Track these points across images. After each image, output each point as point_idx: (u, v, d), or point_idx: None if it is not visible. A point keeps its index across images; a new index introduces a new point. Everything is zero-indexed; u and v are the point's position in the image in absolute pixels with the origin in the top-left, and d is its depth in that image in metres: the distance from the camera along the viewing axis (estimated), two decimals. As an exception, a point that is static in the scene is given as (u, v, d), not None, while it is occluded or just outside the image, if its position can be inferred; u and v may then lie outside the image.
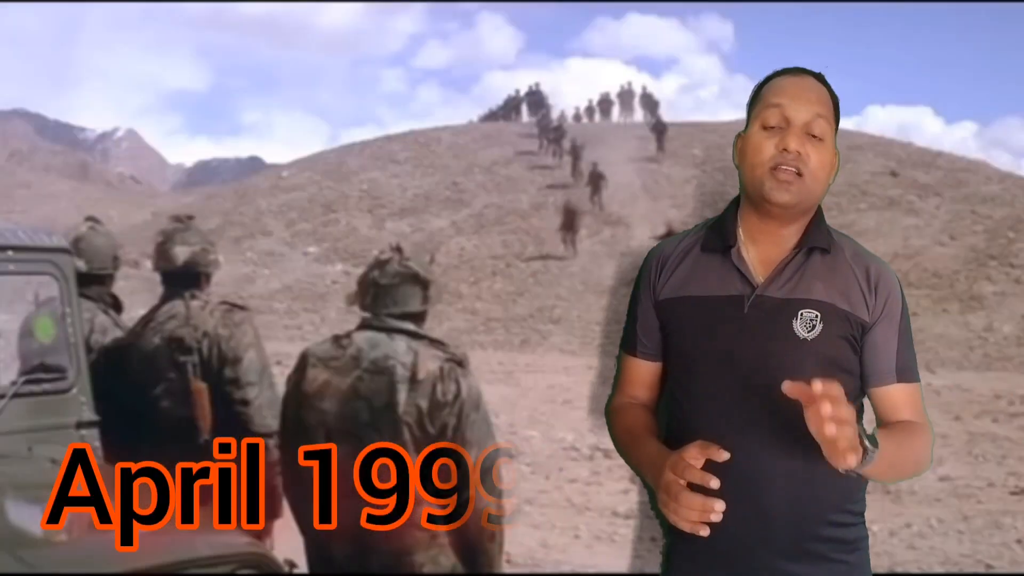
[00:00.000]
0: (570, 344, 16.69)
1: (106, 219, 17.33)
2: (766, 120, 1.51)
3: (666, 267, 1.61)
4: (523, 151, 30.59)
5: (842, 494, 1.51)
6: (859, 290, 1.52)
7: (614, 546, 6.18)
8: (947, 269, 19.94)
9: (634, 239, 23.57)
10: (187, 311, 3.07)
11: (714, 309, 1.53)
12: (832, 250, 1.55)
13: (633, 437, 1.61)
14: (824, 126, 1.51)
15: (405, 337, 2.69)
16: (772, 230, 1.55)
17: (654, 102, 31.57)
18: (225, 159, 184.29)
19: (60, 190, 45.32)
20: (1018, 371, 14.99)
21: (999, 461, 8.49)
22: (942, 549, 6.03)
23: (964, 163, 27.51)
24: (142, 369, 3.10)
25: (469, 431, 2.60)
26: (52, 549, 2.16)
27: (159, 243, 3.21)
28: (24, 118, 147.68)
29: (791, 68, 1.57)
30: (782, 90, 1.53)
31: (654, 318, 1.62)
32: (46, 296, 2.90)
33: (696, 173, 26.94)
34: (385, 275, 2.76)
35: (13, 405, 2.61)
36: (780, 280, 1.52)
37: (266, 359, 3.06)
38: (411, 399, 2.58)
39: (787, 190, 1.49)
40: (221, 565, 2.16)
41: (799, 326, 1.49)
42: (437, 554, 2.61)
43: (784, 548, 1.49)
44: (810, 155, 1.49)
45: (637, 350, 1.66)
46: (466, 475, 2.56)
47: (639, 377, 1.68)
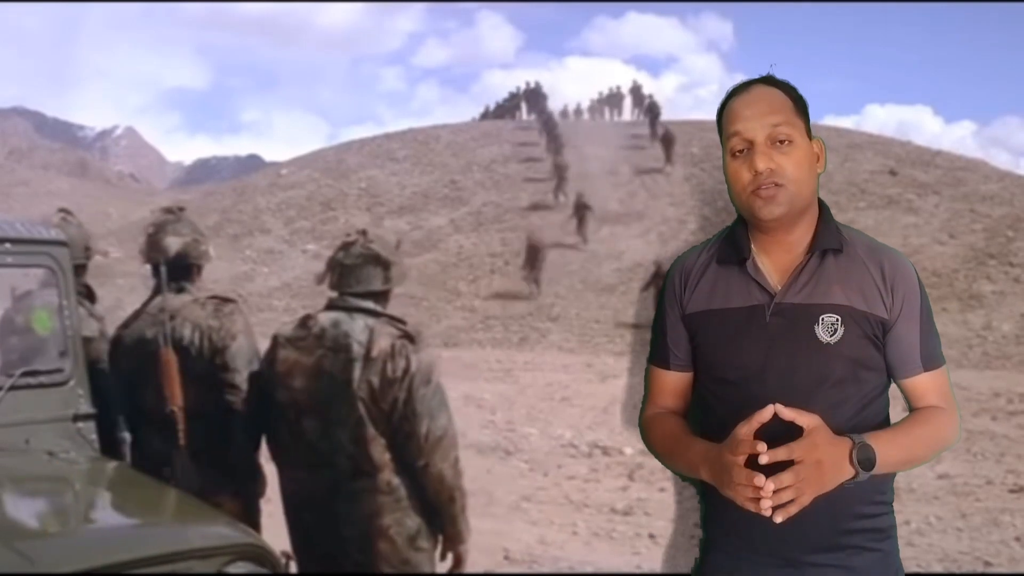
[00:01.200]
0: (568, 342, 16.68)
1: (105, 216, 17.29)
2: (733, 147, 1.57)
3: (690, 281, 1.67)
4: (522, 143, 30.59)
5: (872, 486, 1.55)
6: (876, 288, 1.56)
7: (612, 543, 6.18)
8: (946, 268, 19.95)
9: (633, 238, 23.58)
10: (174, 304, 3.03)
11: (738, 320, 1.59)
12: (845, 249, 1.58)
13: (676, 440, 1.65)
14: (786, 130, 1.54)
15: (364, 316, 2.84)
16: (780, 239, 1.60)
17: (657, 112, 31.09)
18: (224, 157, 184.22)
19: (59, 188, 45.24)
20: (1017, 369, 15.01)
21: (998, 459, 8.49)
22: (940, 546, 6.04)
23: (963, 162, 27.51)
24: (130, 361, 3.08)
25: (419, 404, 2.74)
26: (49, 540, 2.16)
27: (149, 234, 3.17)
28: (23, 116, 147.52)
29: (738, 86, 1.62)
30: (736, 115, 1.57)
31: (683, 330, 1.67)
32: (23, 289, 2.90)
33: (695, 171, 26.94)
34: (349, 256, 2.94)
35: (10, 398, 2.61)
36: (796, 286, 1.56)
37: (255, 347, 3.04)
38: (364, 376, 2.74)
39: (775, 204, 1.54)
40: (216, 556, 2.15)
41: (821, 331, 1.53)
42: (402, 516, 2.79)
43: (819, 541, 1.54)
44: (782, 164, 1.53)
45: (670, 363, 1.70)
46: (419, 445, 2.74)
47: (672, 388, 1.72)
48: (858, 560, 1.55)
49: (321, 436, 2.79)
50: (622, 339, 16.14)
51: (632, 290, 19.35)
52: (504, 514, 6.68)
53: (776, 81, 1.59)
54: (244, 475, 2.98)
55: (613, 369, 13.36)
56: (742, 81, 1.62)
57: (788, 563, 1.55)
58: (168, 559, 2.09)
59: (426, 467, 2.76)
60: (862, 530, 1.56)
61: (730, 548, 1.61)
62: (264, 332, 3.17)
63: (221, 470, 2.92)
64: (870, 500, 1.57)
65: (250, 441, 3.01)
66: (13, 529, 2.15)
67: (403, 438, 2.75)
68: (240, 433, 2.96)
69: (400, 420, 2.74)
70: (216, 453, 2.92)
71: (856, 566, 1.55)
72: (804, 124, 1.58)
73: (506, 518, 6.59)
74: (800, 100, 1.59)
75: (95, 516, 2.52)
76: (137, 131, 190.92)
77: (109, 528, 2.36)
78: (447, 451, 2.78)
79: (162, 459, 2.87)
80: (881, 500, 1.59)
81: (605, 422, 9.85)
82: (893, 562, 1.60)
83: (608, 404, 10.62)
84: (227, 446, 2.95)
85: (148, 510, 2.48)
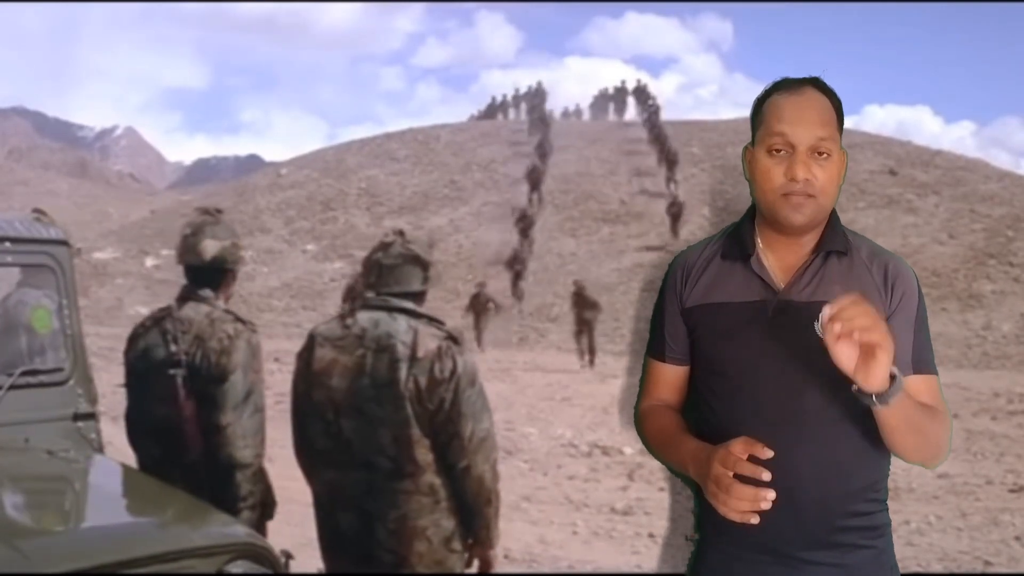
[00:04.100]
0: (568, 342, 16.67)
1: (104, 216, 17.27)
2: (771, 145, 1.55)
3: (691, 275, 1.67)
4: (522, 143, 30.60)
5: (868, 483, 1.57)
6: (876, 289, 1.57)
7: (612, 542, 6.18)
8: (946, 268, 19.97)
9: (632, 237, 23.60)
10: (191, 316, 2.97)
11: (739, 314, 1.59)
12: (849, 252, 1.60)
13: (669, 436, 1.65)
14: (828, 144, 1.54)
15: (405, 316, 2.82)
16: (789, 240, 1.61)
17: (665, 136, 27.96)
18: (224, 157, 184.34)
19: (59, 188, 45.30)
20: (1016, 369, 15.03)
21: (997, 459, 8.50)
22: (940, 546, 6.03)
23: (963, 162, 27.53)
24: (138, 364, 3.06)
25: (464, 405, 2.73)
26: (48, 539, 2.16)
27: (186, 235, 3.05)
28: (23, 115, 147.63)
29: (790, 81, 1.60)
30: (783, 114, 1.56)
31: (682, 324, 1.67)
32: (22, 288, 2.89)
33: (695, 171, 26.96)
34: (388, 256, 2.89)
35: (10, 397, 2.61)
36: (800, 284, 1.57)
37: (255, 383, 2.92)
38: (411, 375, 2.71)
39: (801, 213, 1.55)
40: (217, 556, 2.15)
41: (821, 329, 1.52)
42: (439, 518, 2.77)
43: (816, 538, 1.54)
44: (817, 176, 1.54)
45: (666, 355, 1.70)
46: (462, 446, 2.73)
47: (668, 381, 1.72)
48: (852, 557, 1.55)
49: (360, 436, 2.76)
50: (622, 339, 16.16)
51: (632, 290, 19.38)
52: (504, 514, 6.62)
53: (826, 88, 1.59)
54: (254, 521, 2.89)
55: (613, 369, 13.37)
56: (792, 77, 1.60)
57: (783, 560, 1.56)
58: (168, 558, 2.08)
59: (467, 469, 2.74)
60: (857, 528, 1.56)
61: (724, 546, 1.61)
62: (264, 332, 3.14)
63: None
64: (864, 497, 1.58)
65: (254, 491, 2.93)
66: (13, 528, 2.14)
67: (446, 439, 2.73)
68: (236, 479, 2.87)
69: (445, 421, 2.72)
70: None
71: (850, 563, 1.55)
72: (840, 136, 1.59)
73: (506, 518, 6.55)
74: (841, 112, 1.60)
75: (95, 515, 2.51)
76: (137, 131, 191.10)
77: (109, 527, 2.35)
78: (488, 453, 2.78)
79: (162, 470, 2.80)
80: (875, 498, 1.59)
81: (605, 422, 9.85)
82: (888, 560, 1.61)
83: (608, 404, 10.63)
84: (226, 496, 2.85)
85: (148, 509, 2.48)
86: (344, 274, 21.59)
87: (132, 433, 3.06)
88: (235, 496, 2.87)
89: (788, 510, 1.51)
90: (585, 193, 26.63)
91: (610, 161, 29.14)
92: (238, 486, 2.87)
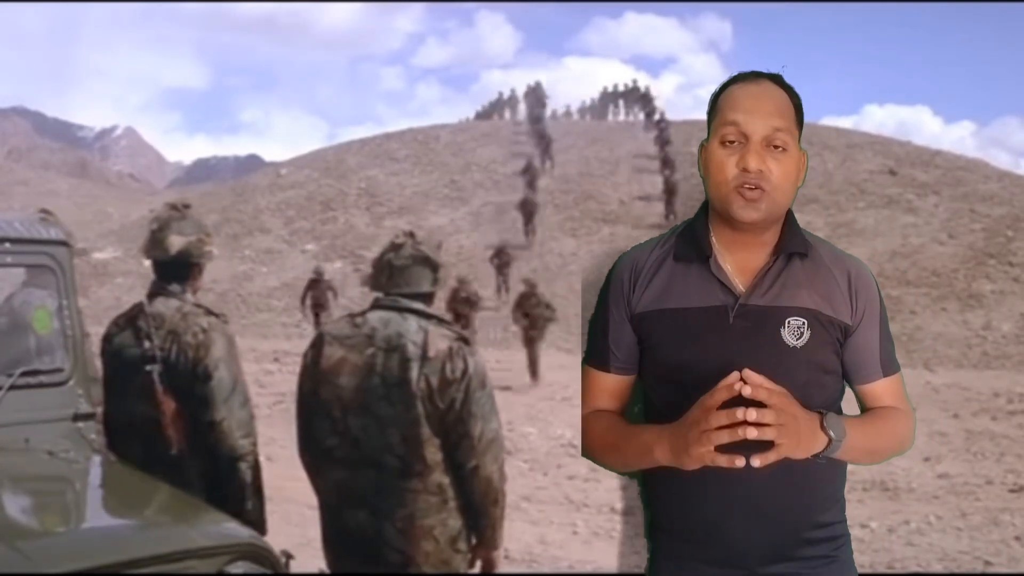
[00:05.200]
0: (567, 342, 16.67)
1: (104, 216, 17.26)
2: (724, 136, 1.49)
3: (640, 279, 1.59)
4: (522, 143, 30.58)
5: (827, 494, 1.55)
6: (840, 294, 1.53)
7: (612, 542, 6.18)
8: (946, 268, 19.96)
9: (632, 237, 23.57)
10: (163, 311, 2.96)
11: (698, 320, 1.52)
12: (810, 254, 1.55)
13: (620, 430, 1.59)
14: (783, 137, 1.48)
15: (415, 316, 2.84)
16: (746, 240, 1.54)
17: (666, 137, 28.07)
18: (224, 157, 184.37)
19: (59, 187, 45.30)
20: (1016, 369, 15.03)
21: (997, 458, 8.50)
22: (940, 546, 6.03)
23: (963, 162, 27.53)
24: (114, 362, 3.05)
25: (475, 406, 2.75)
26: (49, 540, 2.16)
27: (153, 230, 3.07)
28: (23, 115, 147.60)
29: (746, 74, 1.54)
30: (738, 104, 1.50)
31: (630, 332, 1.59)
32: (22, 288, 2.88)
33: (695, 171, 26.92)
34: (399, 257, 2.92)
35: (10, 397, 2.60)
36: (762, 288, 1.52)
37: (238, 374, 2.93)
38: (422, 375, 2.73)
39: (754, 208, 1.48)
40: (217, 556, 2.15)
41: (787, 334, 1.49)
42: (447, 517, 2.79)
43: (776, 550, 1.51)
44: (772, 169, 1.47)
45: (611, 365, 1.62)
46: (472, 446, 2.74)
47: (610, 390, 1.65)
48: (816, 570, 1.53)
49: (368, 434, 2.77)
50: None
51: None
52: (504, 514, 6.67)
53: (784, 84, 1.54)
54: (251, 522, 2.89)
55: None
56: (750, 71, 1.55)
57: (744, 573, 1.52)
58: (168, 559, 2.08)
59: (476, 469, 2.76)
60: (820, 539, 1.53)
61: (682, 557, 1.56)
62: (264, 332, 3.14)
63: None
64: (825, 507, 1.55)
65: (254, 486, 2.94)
66: (13, 528, 2.14)
67: (456, 439, 2.75)
68: (237, 473, 2.89)
69: (455, 421, 2.73)
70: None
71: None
72: (799, 134, 1.53)
73: (506, 518, 6.57)
74: (801, 109, 1.54)
75: (95, 515, 2.51)
76: (137, 131, 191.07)
77: (109, 527, 2.35)
78: (497, 454, 2.79)
79: (143, 468, 2.76)
80: (835, 508, 1.57)
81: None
82: (850, 570, 1.58)
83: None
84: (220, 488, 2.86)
85: (148, 510, 2.48)
86: (344, 274, 21.62)
87: (111, 432, 3.04)
88: (241, 485, 2.91)
89: (748, 522, 1.49)
90: (585, 193, 26.63)
91: (610, 161, 29.15)
92: (243, 476, 2.91)
